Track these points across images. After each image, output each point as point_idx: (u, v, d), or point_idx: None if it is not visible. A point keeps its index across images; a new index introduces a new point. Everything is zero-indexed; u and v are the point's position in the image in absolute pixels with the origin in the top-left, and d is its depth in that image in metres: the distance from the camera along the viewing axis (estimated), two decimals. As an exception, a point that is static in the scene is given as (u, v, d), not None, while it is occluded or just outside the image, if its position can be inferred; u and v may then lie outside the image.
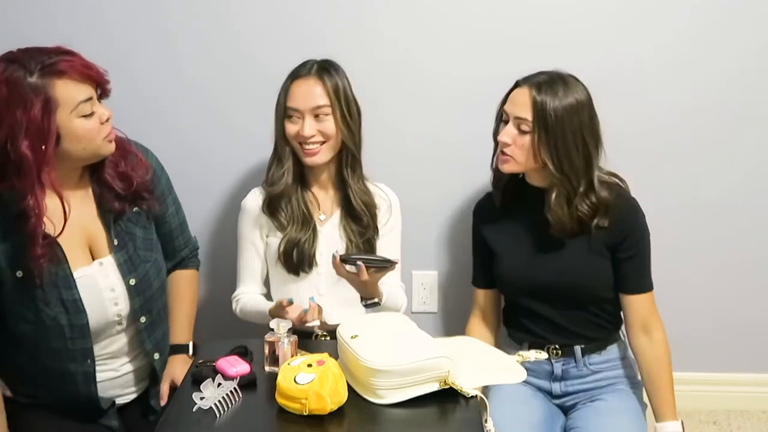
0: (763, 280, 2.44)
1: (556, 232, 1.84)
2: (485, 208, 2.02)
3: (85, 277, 1.65)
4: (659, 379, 1.88)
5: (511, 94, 1.84)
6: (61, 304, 1.61)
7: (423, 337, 1.53)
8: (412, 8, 2.24)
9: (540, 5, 2.23)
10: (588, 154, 1.80)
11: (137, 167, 1.72)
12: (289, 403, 1.39)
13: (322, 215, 1.99)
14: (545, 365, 1.93)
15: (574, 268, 1.87)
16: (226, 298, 2.08)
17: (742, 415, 2.51)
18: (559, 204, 1.81)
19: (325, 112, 1.89)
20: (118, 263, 1.70)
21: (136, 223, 1.75)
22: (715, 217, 2.38)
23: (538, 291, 1.90)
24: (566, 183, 1.80)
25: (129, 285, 1.70)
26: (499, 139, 1.84)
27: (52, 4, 2.24)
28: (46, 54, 1.53)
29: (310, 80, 1.90)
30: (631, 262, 1.86)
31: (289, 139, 1.92)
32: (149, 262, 1.75)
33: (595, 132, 1.82)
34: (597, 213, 1.83)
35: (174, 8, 2.26)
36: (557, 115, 1.75)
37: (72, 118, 1.54)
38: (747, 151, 2.33)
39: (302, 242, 1.92)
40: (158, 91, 2.32)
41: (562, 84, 1.78)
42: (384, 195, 2.03)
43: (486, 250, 1.99)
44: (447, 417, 1.42)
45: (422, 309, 2.50)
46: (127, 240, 1.72)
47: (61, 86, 1.52)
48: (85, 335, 1.64)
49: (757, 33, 2.23)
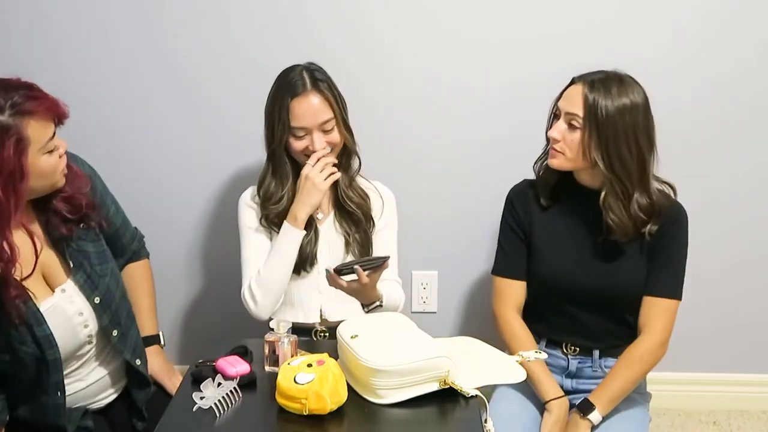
0: (763, 280, 2.44)
1: (618, 236, 1.80)
2: (526, 198, 1.94)
3: (51, 307, 1.61)
4: (616, 371, 1.83)
5: (566, 90, 1.82)
6: (34, 341, 1.57)
7: (423, 337, 1.53)
8: (410, 12, 2.24)
9: (539, 7, 2.23)
10: (642, 156, 1.76)
11: (80, 186, 1.67)
12: (289, 403, 1.39)
13: (320, 214, 1.99)
14: (560, 360, 1.92)
15: (625, 272, 1.84)
16: (225, 298, 2.08)
17: (742, 415, 2.51)
18: (617, 206, 1.77)
19: (331, 125, 1.87)
20: (80, 285, 1.66)
21: (86, 239, 1.70)
22: (714, 217, 2.38)
23: (577, 294, 1.87)
24: (618, 183, 1.76)
25: (94, 304, 1.67)
26: (549, 134, 1.82)
27: (45, 3, 2.26)
28: (13, 89, 1.48)
29: (310, 96, 1.85)
30: (662, 267, 1.83)
31: (295, 153, 1.90)
32: (107, 276, 1.72)
33: (650, 135, 1.77)
34: (651, 218, 1.80)
35: (169, 9, 2.26)
36: (609, 113, 1.72)
37: (39, 155, 1.51)
38: (747, 151, 2.33)
39: (304, 244, 1.92)
40: (153, 91, 2.33)
41: (617, 83, 1.75)
42: (377, 192, 2.02)
43: (525, 240, 1.93)
44: (447, 417, 1.43)
45: (422, 309, 2.50)
46: (82, 259, 1.68)
47: (33, 125, 1.48)
48: (58, 369, 1.61)
49: (757, 33, 2.23)
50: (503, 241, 1.97)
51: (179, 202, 2.43)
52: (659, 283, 1.84)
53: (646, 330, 1.84)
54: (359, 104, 2.00)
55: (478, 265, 2.43)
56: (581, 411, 1.79)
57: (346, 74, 1.97)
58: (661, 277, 1.84)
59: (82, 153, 1.91)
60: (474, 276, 2.46)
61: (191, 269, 2.50)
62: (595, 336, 1.90)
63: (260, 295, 1.87)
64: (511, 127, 2.28)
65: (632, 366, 1.83)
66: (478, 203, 2.34)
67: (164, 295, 2.47)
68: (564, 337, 1.92)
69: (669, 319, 1.85)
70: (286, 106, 1.85)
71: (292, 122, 1.86)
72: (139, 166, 2.40)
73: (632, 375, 1.83)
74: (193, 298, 2.54)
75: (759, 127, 2.31)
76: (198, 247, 2.48)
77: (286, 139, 1.88)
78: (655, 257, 1.83)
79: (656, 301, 1.84)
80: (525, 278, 1.94)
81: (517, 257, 1.94)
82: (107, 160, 2.37)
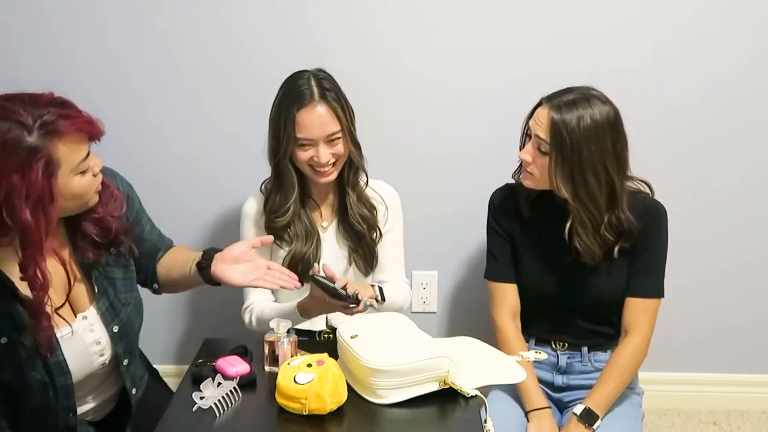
0: (764, 280, 2.44)
1: (587, 259, 1.80)
2: (508, 203, 1.94)
3: (69, 335, 1.53)
4: (609, 374, 1.83)
5: (535, 111, 1.79)
6: (44, 368, 1.49)
7: (423, 337, 1.53)
8: (410, 12, 2.24)
9: (539, 7, 2.23)
10: (610, 180, 1.73)
11: (113, 207, 1.57)
12: (289, 403, 1.39)
13: (324, 222, 1.97)
14: (550, 356, 1.92)
15: (596, 286, 1.85)
16: (225, 298, 2.08)
17: (742, 415, 2.51)
18: (584, 233, 1.77)
19: (338, 137, 1.84)
20: (101, 313, 1.58)
21: (115, 266, 1.62)
22: (714, 217, 2.38)
23: (559, 302, 1.88)
24: (584, 211, 1.74)
25: (112, 333, 1.60)
26: (521, 156, 1.81)
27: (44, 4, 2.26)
28: (43, 106, 1.37)
29: (318, 107, 1.80)
30: (644, 269, 1.84)
31: (300, 163, 1.87)
32: (130, 305, 1.64)
33: (620, 156, 1.74)
34: (621, 237, 1.79)
35: (169, 9, 2.25)
36: (573, 140, 1.68)
37: (71, 177, 1.41)
38: (747, 151, 2.33)
39: (307, 256, 1.90)
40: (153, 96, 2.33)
41: (585, 105, 1.70)
42: (380, 199, 1.99)
43: (511, 244, 1.94)
44: (447, 417, 1.43)
45: (422, 309, 2.50)
46: (107, 285, 1.60)
47: (63, 146, 1.37)
48: (69, 394, 1.55)
49: (757, 33, 2.23)
50: (491, 246, 1.98)
51: (179, 201, 2.42)
52: (642, 284, 1.85)
53: (632, 330, 1.84)
54: (359, 105, 1.99)
55: (478, 265, 2.43)
56: (585, 421, 1.79)
57: (345, 75, 1.95)
58: (643, 279, 1.84)
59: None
60: (474, 276, 2.46)
61: (191, 269, 2.50)
62: (582, 335, 1.91)
63: (258, 329, 1.92)
64: (511, 127, 2.27)
65: (623, 367, 1.83)
66: (478, 203, 2.33)
67: (165, 294, 2.48)
68: (552, 336, 1.93)
69: (653, 318, 1.86)
70: (292, 117, 1.80)
71: (297, 133, 1.81)
72: (141, 168, 2.39)
73: (624, 377, 1.83)
74: (194, 298, 2.54)
75: (759, 126, 2.31)
76: (198, 246, 2.48)
77: (292, 150, 1.84)
78: (636, 259, 1.84)
79: (640, 302, 1.85)
80: (515, 280, 1.95)
81: (507, 260, 1.95)
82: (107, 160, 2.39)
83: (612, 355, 1.86)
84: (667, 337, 2.43)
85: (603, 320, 1.89)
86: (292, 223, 1.90)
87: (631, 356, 1.83)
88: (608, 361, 1.86)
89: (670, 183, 2.33)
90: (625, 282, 1.85)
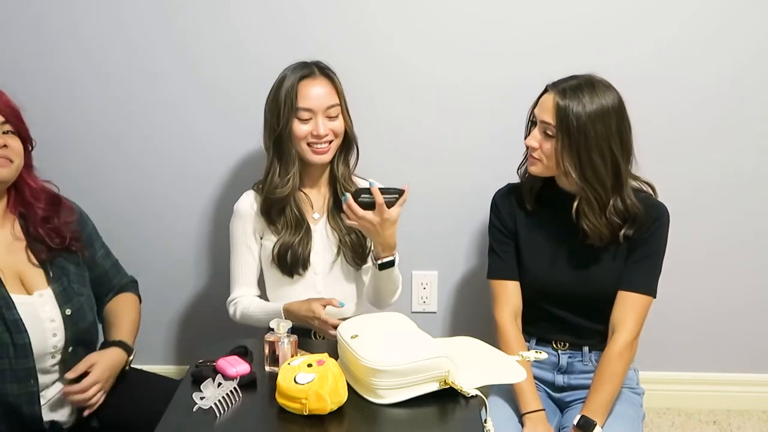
0: (764, 280, 2.44)
1: (594, 241, 1.82)
2: (510, 201, 1.97)
3: (25, 305, 1.67)
4: (601, 376, 1.82)
5: (540, 98, 1.83)
6: (3, 324, 1.63)
7: (423, 337, 1.53)
8: (410, 9, 2.24)
9: (539, 5, 2.23)
10: (616, 162, 1.77)
11: (66, 218, 1.78)
12: (289, 403, 1.39)
13: (315, 214, 1.99)
14: (551, 356, 1.93)
15: (601, 276, 1.85)
16: (225, 298, 2.07)
17: (742, 415, 2.51)
18: (591, 213, 1.79)
19: (336, 112, 1.90)
20: (56, 294, 1.72)
21: (68, 260, 1.78)
22: (715, 217, 2.39)
23: (560, 297, 1.89)
24: (591, 191, 1.77)
25: (65, 315, 1.71)
26: (526, 142, 1.85)
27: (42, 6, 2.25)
28: None
29: (319, 80, 1.89)
30: (639, 262, 1.85)
31: (297, 139, 1.90)
32: (83, 296, 1.77)
33: (625, 141, 1.78)
34: (626, 222, 1.81)
35: (169, 10, 2.26)
36: (579, 121, 1.73)
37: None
38: (748, 150, 2.33)
39: (295, 245, 1.92)
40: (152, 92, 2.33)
41: (589, 90, 1.75)
42: None
43: (513, 242, 1.95)
44: (447, 417, 1.43)
45: (422, 309, 2.50)
46: (61, 274, 1.75)
47: None
48: (28, 355, 1.65)
49: (757, 33, 2.23)
50: (494, 244, 1.99)
51: (179, 201, 2.43)
52: (634, 277, 1.85)
53: (619, 328, 1.84)
54: (359, 103, 2.00)
55: (478, 265, 2.43)
56: (585, 430, 1.78)
57: (346, 72, 1.97)
58: (636, 272, 1.85)
59: (75, 159, 1.93)
60: (474, 276, 2.46)
61: (192, 269, 2.51)
62: (583, 335, 1.91)
63: (241, 322, 1.98)
64: (512, 126, 2.27)
65: (614, 368, 1.82)
66: (478, 204, 2.33)
67: (165, 295, 2.49)
68: (553, 335, 1.94)
69: (642, 315, 1.85)
70: (295, 86, 1.87)
71: (299, 102, 1.87)
72: (139, 169, 2.40)
73: (617, 377, 1.82)
74: (193, 298, 2.54)
75: (759, 126, 2.31)
76: (198, 247, 2.48)
77: (291, 125, 1.88)
78: (633, 253, 1.85)
79: (630, 296, 1.85)
80: (518, 278, 1.96)
81: (510, 257, 1.96)
82: (108, 160, 2.39)
83: (601, 357, 1.85)
84: (667, 336, 2.43)
85: (604, 318, 1.89)
86: (288, 204, 1.93)
87: (620, 355, 1.82)
88: (598, 364, 1.85)
89: (671, 182, 2.33)
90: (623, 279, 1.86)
